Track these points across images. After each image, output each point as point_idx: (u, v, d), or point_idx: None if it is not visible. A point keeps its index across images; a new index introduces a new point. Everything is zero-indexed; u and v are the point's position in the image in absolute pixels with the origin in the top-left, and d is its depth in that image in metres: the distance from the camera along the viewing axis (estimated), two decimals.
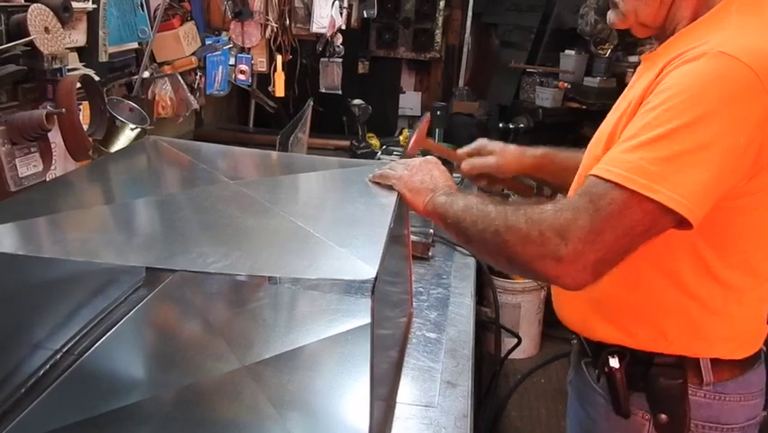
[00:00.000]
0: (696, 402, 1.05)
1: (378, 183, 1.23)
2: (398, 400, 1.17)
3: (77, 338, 1.25)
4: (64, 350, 1.21)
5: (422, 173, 1.19)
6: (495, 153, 1.41)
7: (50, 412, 1.06)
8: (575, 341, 1.33)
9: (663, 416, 1.05)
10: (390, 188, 1.21)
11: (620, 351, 1.07)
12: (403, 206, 1.19)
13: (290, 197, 1.22)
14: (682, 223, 0.89)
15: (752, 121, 0.89)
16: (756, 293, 1.05)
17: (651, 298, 1.02)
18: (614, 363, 1.07)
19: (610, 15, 1.11)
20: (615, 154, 0.92)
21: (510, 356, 2.57)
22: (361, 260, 0.83)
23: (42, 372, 1.16)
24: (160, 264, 0.90)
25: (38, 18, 1.33)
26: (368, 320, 1.26)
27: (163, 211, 1.07)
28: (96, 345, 1.24)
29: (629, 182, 0.88)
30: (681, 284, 1.01)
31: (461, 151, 1.49)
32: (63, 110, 1.38)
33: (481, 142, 1.45)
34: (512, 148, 1.43)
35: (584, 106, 3.35)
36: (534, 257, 0.92)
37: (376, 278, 0.79)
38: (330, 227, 0.99)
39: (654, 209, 0.87)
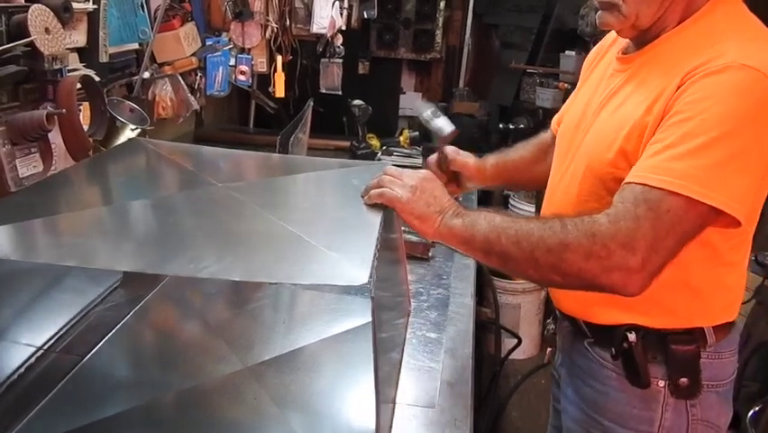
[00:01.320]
0: (702, 364, 1.14)
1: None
2: (398, 400, 1.17)
3: (58, 335, 1.25)
4: (45, 347, 1.21)
5: (426, 194, 1.10)
6: (470, 157, 1.51)
7: (51, 419, 1.05)
8: (552, 327, 1.35)
9: (684, 379, 1.13)
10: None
11: (635, 327, 1.13)
12: None
13: (280, 200, 1.21)
14: (731, 223, 0.96)
15: None
16: (745, 262, 1.16)
17: (661, 283, 1.04)
18: (632, 337, 1.13)
19: (605, 16, 1.12)
20: (659, 163, 0.96)
21: (510, 357, 2.57)
22: (354, 264, 0.83)
23: (24, 369, 1.15)
24: (152, 270, 0.89)
25: (38, 19, 1.33)
26: (366, 319, 1.27)
27: (152, 215, 1.06)
28: (95, 348, 1.23)
29: (685, 189, 0.93)
30: (691, 268, 1.07)
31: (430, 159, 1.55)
32: (63, 111, 1.38)
33: (454, 148, 1.52)
34: (477, 159, 1.52)
35: None
36: (601, 271, 0.95)
37: (371, 282, 0.79)
38: (321, 231, 0.98)
39: (708, 212, 0.95)
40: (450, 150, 1.51)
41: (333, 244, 0.91)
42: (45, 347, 1.21)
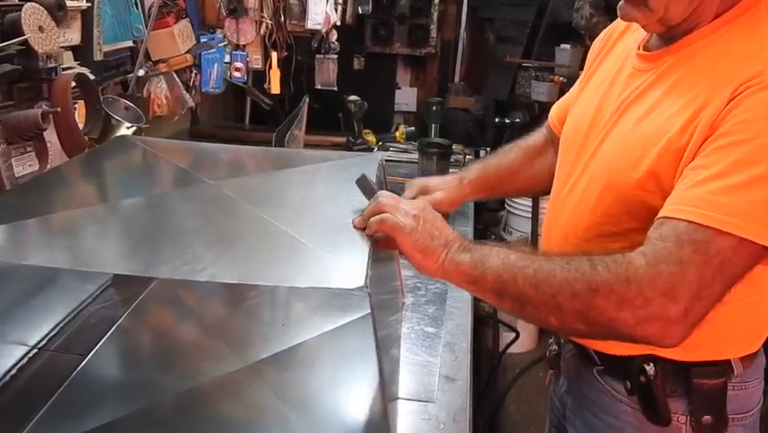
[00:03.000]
0: (728, 397, 1.03)
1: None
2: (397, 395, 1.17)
3: (51, 334, 1.25)
4: (39, 346, 1.20)
5: (428, 225, 0.95)
6: (440, 189, 1.32)
7: (54, 424, 1.05)
8: (555, 347, 1.27)
9: (708, 417, 1.01)
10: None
11: (653, 358, 1.02)
12: None
13: (273, 197, 1.19)
14: None
15: None
16: None
17: None
18: (651, 370, 1.01)
19: (629, 9, 0.98)
20: (706, 195, 0.82)
21: (508, 351, 2.58)
22: (349, 266, 0.82)
23: (18, 367, 1.15)
24: (146, 273, 0.89)
25: (32, 17, 1.33)
26: (362, 313, 1.27)
27: (144, 214, 1.05)
28: (91, 353, 1.22)
29: (740, 229, 0.80)
30: (724, 301, 0.91)
31: (407, 191, 1.32)
32: (58, 109, 1.38)
33: (420, 182, 1.35)
34: (450, 179, 1.35)
35: None
36: (635, 322, 0.82)
37: (367, 284, 0.79)
38: (315, 230, 0.97)
39: (759, 252, 0.82)
40: (416, 190, 1.32)
41: (328, 243, 0.91)
42: (38, 347, 1.21)
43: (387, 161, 2.02)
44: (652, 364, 1.01)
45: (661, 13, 0.94)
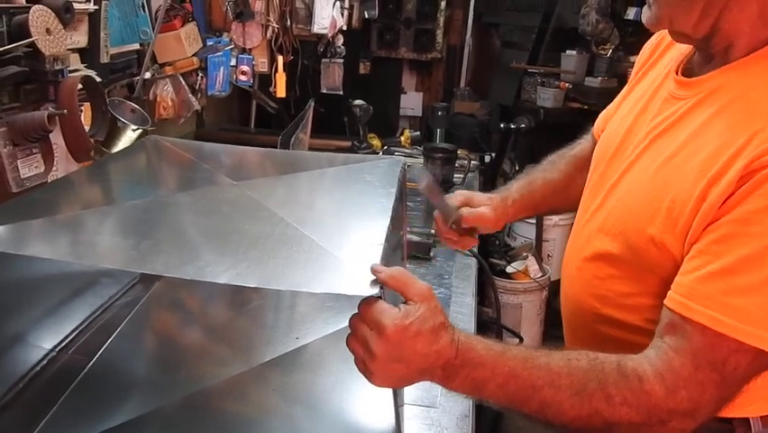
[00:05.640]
0: None
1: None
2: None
3: (72, 336, 1.25)
4: (59, 348, 1.21)
5: (401, 363, 0.78)
6: (485, 205, 1.25)
7: (61, 428, 1.05)
8: None
9: None
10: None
11: None
12: (400, 206, 1.17)
13: (294, 200, 1.20)
14: None
15: None
16: None
17: None
18: None
19: (644, 13, 0.89)
20: (719, 296, 0.75)
21: None
22: (365, 272, 0.82)
23: (39, 368, 1.15)
24: (170, 273, 0.88)
25: (39, 19, 1.33)
26: None
27: (169, 214, 1.06)
28: (95, 357, 1.23)
29: (757, 340, 0.74)
30: None
31: (450, 200, 1.27)
32: (65, 111, 1.38)
33: (465, 194, 1.28)
34: (495, 198, 1.27)
35: (585, 107, 3.36)
36: None
37: (383, 293, 0.78)
38: (332, 233, 0.97)
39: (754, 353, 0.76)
40: (460, 200, 1.25)
41: (345, 247, 0.91)
42: (59, 348, 1.21)
43: None
44: None
45: (666, 23, 0.86)
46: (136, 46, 1.90)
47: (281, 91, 2.68)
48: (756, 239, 0.74)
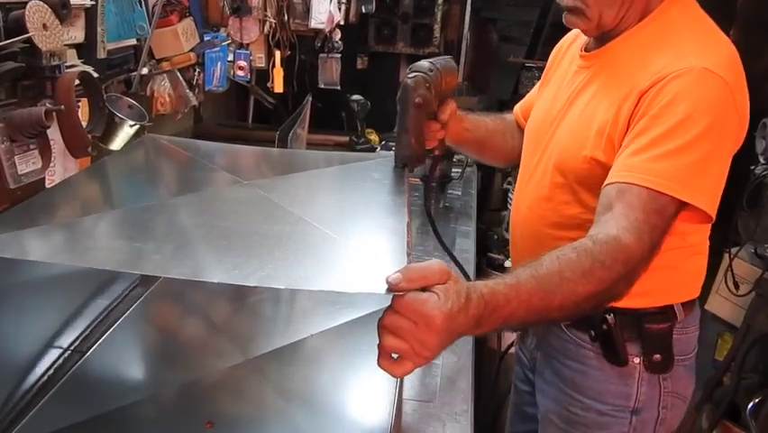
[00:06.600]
0: (673, 341, 1.23)
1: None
2: None
3: (84, 335, 1.25)
4: (72, 348, 1.21)
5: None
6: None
7: (55, 412, 1.06)
8: None
9: (658, 356, 1.22)
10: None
11: (612, 309, 1.18)
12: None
13: (308, 198, 1.20)
14: (704, 219, 1.07)
15: (732, 127, 1.08)
16: (706, 243, 1.26)
17: None
18: (611, 320, 1.20)
19: (571, 18, 1.19)
20: (645, 163, 1.02)
21: (510, 351, 2.57)
22: (386, 270, 0.81)
23: (53, 369, 1.16)
24: (196, 276, 0.84)
25: (36, 15, 1.33)
26: (368, 310, 1.27)
27: (186, 217, 1.05)
28: (96, 345, 1.23)
29: (680, 193, 1.01)
30: (665, 253, 1.09)
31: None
32: (62, 107, 1.38)
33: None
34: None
35: None
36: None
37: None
38: (352, 231, 0.97)
39: (679, 208, 1.03)
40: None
41: (369, 246, 0.91)
42: (72, 348, 1.22)
43: None
44: (612, 315, 1.19)
45: (596, 20, 1.16)
46: (133, 41, 1.89)
47: (279, 86, 2.67)
48: (666, 123, 1.03)
